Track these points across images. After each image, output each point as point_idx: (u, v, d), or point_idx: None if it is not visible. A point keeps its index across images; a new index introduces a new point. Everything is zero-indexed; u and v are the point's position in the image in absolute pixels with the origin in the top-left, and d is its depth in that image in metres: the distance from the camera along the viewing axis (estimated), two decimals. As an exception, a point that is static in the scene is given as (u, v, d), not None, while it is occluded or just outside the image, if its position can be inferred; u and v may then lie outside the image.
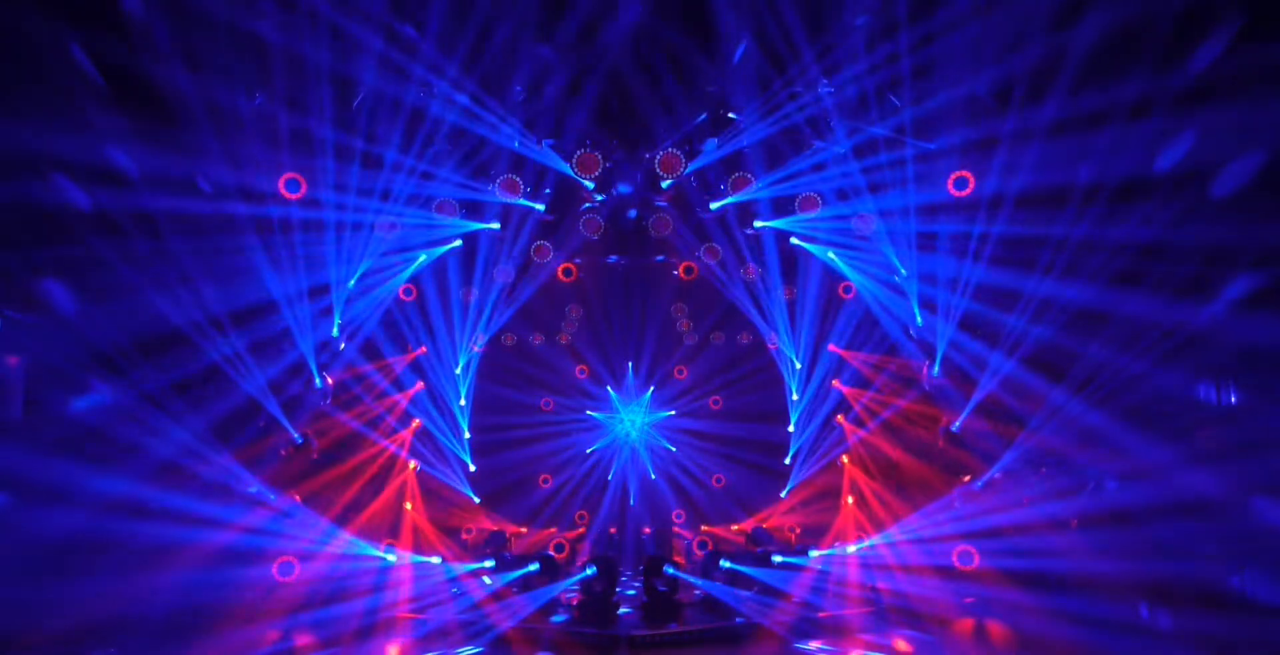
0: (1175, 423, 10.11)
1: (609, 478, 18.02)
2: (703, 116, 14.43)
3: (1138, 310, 10.39)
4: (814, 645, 10.77)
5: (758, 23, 12.58)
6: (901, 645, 10.71)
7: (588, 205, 15.87)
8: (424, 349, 15.98)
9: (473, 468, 16.74)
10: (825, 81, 13.29)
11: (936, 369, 13.40)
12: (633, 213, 16.25)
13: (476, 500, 16.73)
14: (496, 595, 12.63)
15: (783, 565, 13.41)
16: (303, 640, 10.75)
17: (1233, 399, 10.12)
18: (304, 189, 12.69)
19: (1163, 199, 9.88)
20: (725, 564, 13.61)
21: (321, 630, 11.18)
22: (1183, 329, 9.73)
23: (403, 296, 15.52)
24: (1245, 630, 8.95)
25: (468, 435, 16.69)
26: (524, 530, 16.84)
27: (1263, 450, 8.96)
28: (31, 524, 9.25)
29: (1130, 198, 10.35)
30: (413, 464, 15.38)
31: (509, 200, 14.92)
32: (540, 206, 15.33)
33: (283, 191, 12.56)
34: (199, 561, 10.77)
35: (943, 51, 11.81)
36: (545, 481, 18.00)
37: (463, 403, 16.49)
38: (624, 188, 15.60)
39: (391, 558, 13.05)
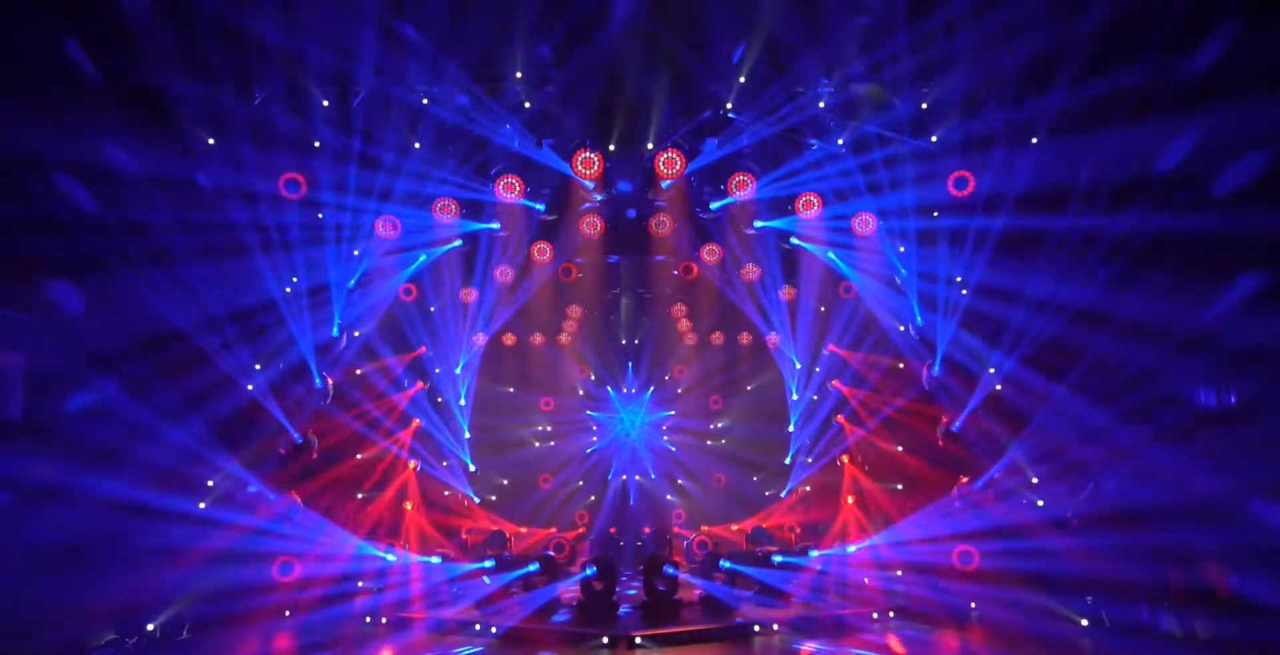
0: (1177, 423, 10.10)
1: (609, 478, 18.03)
2: (703, 116, 14.42)
3: (1138, 310, 10.39)
4: (814, 645, 10.77)
5: (758, 21, 12.58)
6: (900, 645, 10.71)
7: (588, 205, 15.86)
8: (424, 349, 15.97)
9: (473, 468, 16.74)
10: (825, 81, 13.29)
11: (937, 368, 13.40)
12: (633, 213, 16.24)
13: (476, 500, 16.74)
14: (496, 595, 12.63)
15: (783, 565, 13.40)
16: (303, 641, 10.76)
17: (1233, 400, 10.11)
18: (304, 189, 12.69)
19: (1164, 196, 9.87)
20: (725, 564, 13.61)
21: (322, 630, 11.18)
22: (1184, 329, 9.71)
23: (403, 296, 15.51)
24: (1245, 632, 8.96)
25: (468, 435, 16.69)
26: (524, 530, 16.83)
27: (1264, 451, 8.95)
28: (33, 523, 9.25)
29: (1131, 196, 10.35)
30: (413, 464, 15.37)
31: (509, 200, 14.91)
32: (540, 206, 15.33)
33: (282, 192, 12.54)
34: (200, 562, 10.78)
35: (943, 50, 11.81)
36: (545, 481, 18.00)
37: (463, 403, 16.48)
38: (624, 187, 15.59)
39: (391, 558, 13.05)
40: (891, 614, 12.00)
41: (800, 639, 11.05)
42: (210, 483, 11.36)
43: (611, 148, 14.82)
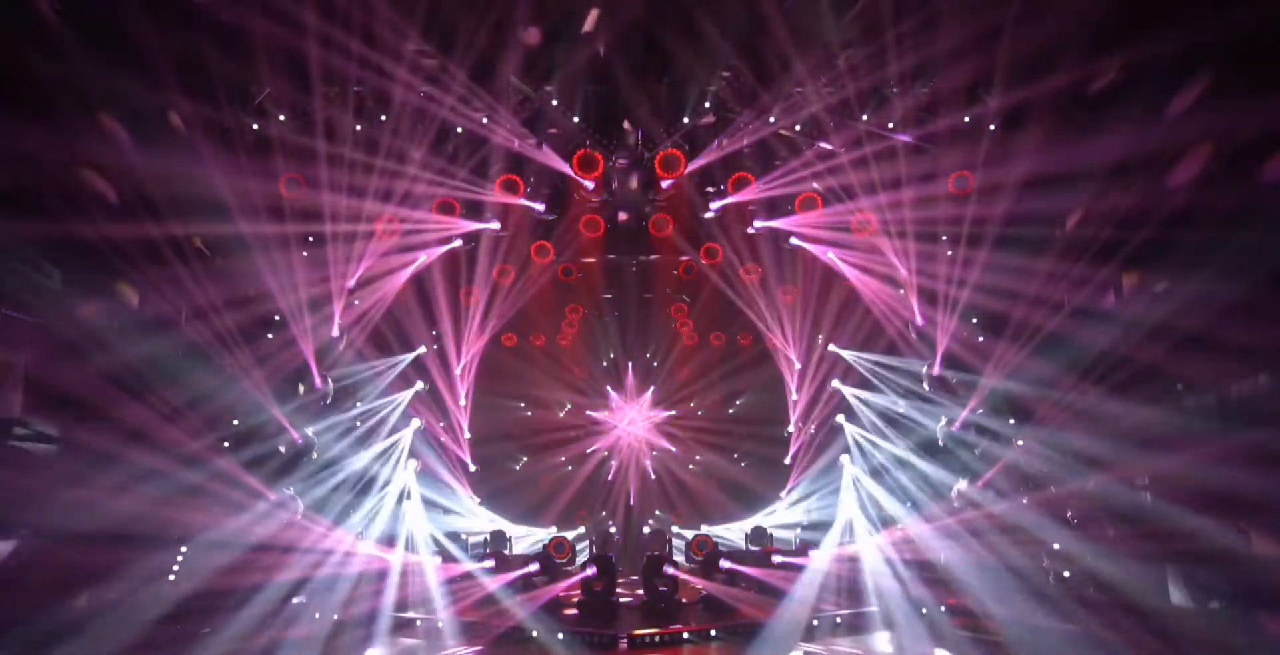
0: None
1: (609, 477, 18.04)
2: (703, 116, 14.42)
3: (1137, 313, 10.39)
4: (814, 645, 10.78)
5: (760, 21, 12.59)
6: (900, 645, 10.72)
7: (588, 205, 15.86)
8: (424, 349, 15.96)
9: (473, 468, 16.75)
10: (828, 80, 13.30)
11: (937, 367, 13.42)
12: (632, 213, 16.24)
13: (477, 500, 16.75)
14: (497, 595, 12.64)
15: (783, 565, 13.41)
16: (302, 639, 10.77)
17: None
18: (304, 189, 12.70)
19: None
20: (725, 564, 13.61)
21: (321, 629, 11.19)
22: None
23: (403, 297, 15.51)
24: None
25: (468, 435, 16.69)
26: (524, 530, 16.85)
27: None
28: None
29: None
30: (412, 464, 15.36)
31: (509, 200, 14.92)
32: (540, 206, 15.33)
33: (283, 192, 12.55)
34: (198, 556, 10.79)
35: (944, 50, 11.82)
36: (545, 481, 18.02)
37: (463, 403, 16.49)
38: (624, 187, 15.59)
39: (391, 557, 13.05)
40: (889, 614, 12.00)
41: (801, 639, 11.05)
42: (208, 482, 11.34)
43: (611, 148, 14.83)
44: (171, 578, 10.57)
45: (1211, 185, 9.15)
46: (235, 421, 12.07)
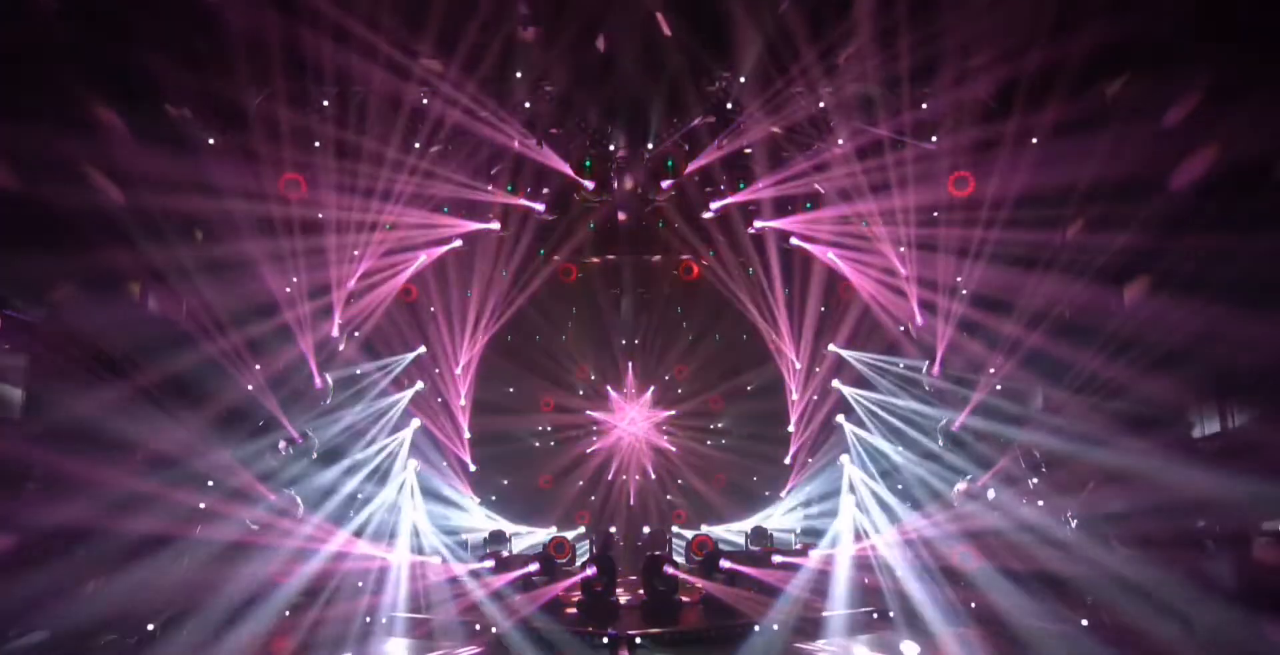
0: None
1: (609, 478, 18.03)
2: (704, 116, 14.43)
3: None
4: (814, 645, 10.78)
5: (761, 21, 12.60)
6: (900, 646, 10.71)
7: (588, 205, 15.86)
8: (423, 349, 15.95)
9: (473, 467, 16.74)
10: (826, 80, 13.30)
11: (936, 368, 13.41)
12: (632, 212, 16.23)
13: (477, 500, 16.73)
14: (496, 595, 12.63)
15: (783, 565, 13.40)
16: (302, 640, 10.78)
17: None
18: (304, 189, 12.70)
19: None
20: (725, 564, 13.61)
21: (322, 629, 11.19)
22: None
23: (402, 297, 15.51)
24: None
25: (468, 435, 16.68)
26: (524, 530, 16.84)
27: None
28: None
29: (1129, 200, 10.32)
30: (413, 463, 15.36)
31: (509, 200, 14.92)
32: (540, 206, 15.32)
33: (282, 192, 12.56)
34: (199, 557, 10.79)
35: (944, 52, 11.82)
36: (545, 482, 18.01)
37: (463, 403, 16.48)
38: (624, 187, 15.58)
39: (391, 556, 13.05)
40: (890, 614, 12.01)
41: (800, 639, 11.05)
42: (210, 482, 11.34)
43: (612, 147, 14.83)
44: (171, 581, 10.56)
45: (1214, 192, 9.16)
46: (235, 421, 12.06)
